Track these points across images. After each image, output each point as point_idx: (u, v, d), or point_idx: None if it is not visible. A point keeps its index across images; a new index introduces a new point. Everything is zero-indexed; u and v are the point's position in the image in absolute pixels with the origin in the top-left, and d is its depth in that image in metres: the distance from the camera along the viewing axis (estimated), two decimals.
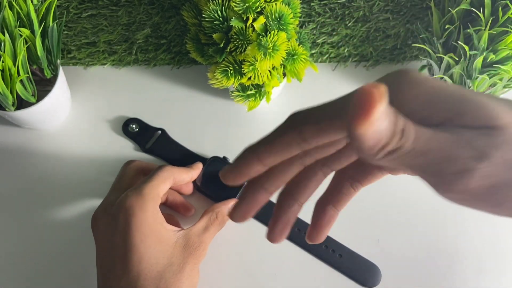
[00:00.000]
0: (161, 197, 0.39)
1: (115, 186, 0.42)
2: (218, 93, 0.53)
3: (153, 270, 0.35)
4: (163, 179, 0.39)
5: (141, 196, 0.37)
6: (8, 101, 0.43)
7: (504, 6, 0.44)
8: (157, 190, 0.38)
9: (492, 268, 0.45)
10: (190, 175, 0.43)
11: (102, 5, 0.54)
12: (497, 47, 0.44)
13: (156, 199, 0.38)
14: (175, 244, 0.37)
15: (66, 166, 0.49)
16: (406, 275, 0.45)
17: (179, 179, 0.41)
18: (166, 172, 0.40)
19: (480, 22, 0.45)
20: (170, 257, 0.36)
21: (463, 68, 0.45)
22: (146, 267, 0.35)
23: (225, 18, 0.43)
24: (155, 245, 0.36)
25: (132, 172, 0.43)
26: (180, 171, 0.42)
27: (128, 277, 0.35)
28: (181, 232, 0.39)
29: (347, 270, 0.45)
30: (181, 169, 0.42)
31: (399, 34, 0.55)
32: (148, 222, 0.36)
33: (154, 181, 0.38)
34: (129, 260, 0.35)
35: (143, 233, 0.36)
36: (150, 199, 0.37)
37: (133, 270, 0.35)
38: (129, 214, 0.36)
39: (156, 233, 0.36)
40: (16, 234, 0.46)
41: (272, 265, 0.45)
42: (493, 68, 0.44)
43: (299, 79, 0.47)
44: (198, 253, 0.38)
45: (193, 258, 0.38)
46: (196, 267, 0.38)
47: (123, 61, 0.54)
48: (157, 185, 0.38)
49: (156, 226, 0.37)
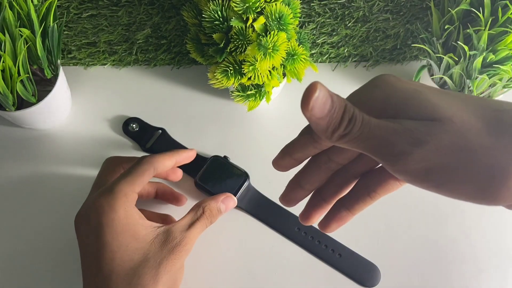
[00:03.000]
0: (136, 192, 0.38)
1: (95, 184, 0.42)
2: (218, 93, 0.53)
3: (127, 267, 0.35)
4: (140, 173, 0.38)
5: (111, 194, 0.36)
6: (9, 101, 0.43)
7: (504, 6, 0.44)
8: (131, 186, 0.37)
9: (491, 268, 0.45)
10: (174, 160, 0.42)
11: (102, 5, 0.54)
12: (497, 47, 0.44)
13: (129, 195, 0.37)
14: (153, 241, 0.37)
15: (66, 166, 0.50)
16: (405, 275, 0.45)
17: (161, 167, 0.40)
18: (144, 164, 0.39)
19: (480, 22, 0.45)
20: (146, 254, 0.36)
21: (463, 68, 0.45)
22: (119, 264, 0.35)
23: (225, 18, 0.44)
24: (129, 242, 0.36)
25: (112, 167, 0.42)
26: (162, 157, 0.41)
27: (101, 275, 0.35)
28: (162, 228, 0.38)
29: (346, 270, 0.45)
30: (163, 156, 0.41)
31: (399, 34, 0.55)
32: (120, 220, 0.36)
33: (128, 177, 0.38)
34: (101, 259, 0.35)
35: (115, 231, 0.35)
36: (122, 196, 0.36)
37: (106, 268, 0.35)
38: (99, 213, 0.36)
39: (130, 230, 0.36)
40: (16, 234, 0.46)
41: (272, 264, 0.45)
42: (492, 68, 0.44)
43: (299, 79, 0.47)
44: (179, 249, 0.37)
45: (173, 254, 0.36)
46: (176, 263, 0.37)
47: (124, 61, 0.55)
48: (131, 181, 0.38)
49: (129, 223, 0.36)
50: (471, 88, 0.45)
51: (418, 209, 0.48)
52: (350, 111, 0.22)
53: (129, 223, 0.36)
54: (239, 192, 0.46)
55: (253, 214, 0.47)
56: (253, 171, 0.48)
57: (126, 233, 0.36)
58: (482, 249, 0.46)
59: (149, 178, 0.39)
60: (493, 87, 0.46)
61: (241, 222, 0.47)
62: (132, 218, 0.37)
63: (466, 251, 0.46)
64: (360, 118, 0.23)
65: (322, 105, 0.21)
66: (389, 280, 0.45)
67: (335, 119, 0.22)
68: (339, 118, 0.22)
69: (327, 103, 0.21)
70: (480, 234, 0.47)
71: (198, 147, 0.50)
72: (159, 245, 0.37)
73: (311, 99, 0.21)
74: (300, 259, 0.46)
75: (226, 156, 0.48)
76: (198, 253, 0.45)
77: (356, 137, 0.23)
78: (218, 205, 0.42)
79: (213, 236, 0.46)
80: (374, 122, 0.23)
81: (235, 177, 0.47)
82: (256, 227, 0.47)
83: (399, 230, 0.47)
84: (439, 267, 0.45)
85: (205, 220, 0.40)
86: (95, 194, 0.38)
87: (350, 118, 0.22)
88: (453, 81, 0.47)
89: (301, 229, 0.46)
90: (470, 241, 0.47)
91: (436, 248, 0.46)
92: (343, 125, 0.22)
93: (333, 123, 0.22)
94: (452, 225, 0.47)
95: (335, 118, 0.22)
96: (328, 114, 0.22)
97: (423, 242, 0.46)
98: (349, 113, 0.22)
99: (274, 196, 0.48)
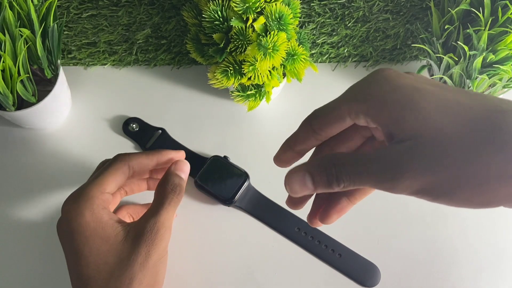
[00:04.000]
0: (108, 191, 0.37)
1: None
2: (218, 93, 0.53)
3: (102, 271, 0.34)
4: (111, 172, 0.37)
5: (77, 199, 0.35)
6: (9, 101, 0.43)
7: (504, 7, 0.44)
8: (99, 187, 0.36)
9: (491, 268, 0.45)
10: (154, 159, 0.40)
11: (102, 6, 0.54)
12: (497, 47, 0.44)
13: (97, 197, 0.36)
14: (125, 239, 0.35)
15: (66, 166, 0.50)
16: (405, 275, 0.45)
17: (138, 165, 0.39)
18: (117, 162, 0.38)
19: (480, 22, 0.45)
20: (119, 254, 0.34)
21: (463, 68, 0.45)
22: (94, 269, 0.34)
23: (225, 18, 0.44)
24: (100, 245, 0.34)
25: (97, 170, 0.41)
26: (139, 156, 0.39)
27: (80, 283, 0.34)
28: (132, 223, 0.36)
29: (346, 270, 0.45)
30: (140, 154, 0.39)
31: (398, 34, 0.55)
32: (88, 224, 0.34)
33: (97, 179, 0.37)
34: (77, 266, 0.34)
35: (84, 236, 0.34)
36: (88, 199, 0.35)
37: (83, 275, 0.34)
38: (68, 220, 0.35)
39: (100, 233, 0.35)
40: (16, 233, 0.46)
41: (272, 264, 0.45)
42: (492, 68, 0.44)
43: (299, 79, 0.47)
44: (152, 238, 0.35)
45: (146, 245, 0.35)
46: (153, 254, 0.35)
47: (124, 61, 0.55)
48: (99, 182, 0.36)
49: (99, 226, 0.35)
50: (471, 88, 0.45)
51: (417, 209, 0.48)
52: (333, 176, 0.25)
53: (98, 226, 0.35)
54: (239, 192, 0.46)
55: (253, 214, 0.47)
56: (253, 171, 0.48)
57: (96, 236, 0.34)
58: (482, 249, 0.46)
59: (123, 176, 0.38)
60: (493, 87, 0.46)
61: (241, 222, 0.47)
62: (101, 221, 0.35)
63: (466, 251, 0.46)
64: (347, 177, 0.25)
65: (303, 190, 0.26)
66: (389, 280, 0.45)
67: (325, 189, 0.25)
68: (327, 187, 0.25)
69: (304, 189, 0.26)
70: (480, 234, 0.47)
71: (198, 147, 0.50)
72: (131, 242, 0.35)
73: (289, 192, 0.26)
74: (300, 259, 0.46)
75: (226, 156, 0.48)
76: (198, 253, 0.45)
77: (352, 185, 0.25)
78: (178, 179, 0.39)
79: (213, 236, 0.46)
80: (358, 169, 0.24)
81: (235, 177, 0.47)
82: (256, 227, 0.47)
83: (399, 230, 0.47)
84: (439, 267, 0.46)
85: (173, 198, 0.38)
86: (66, 199, 0.37)
87: (338, 182, 0.25)
88: (453, 81, 0.47)
89: (301, 229, 0.46)
90: (470, 241, 0.47)
91: (435, 248, 0.46)
92: (335, 188, 0.25)
93: (326, 190, 0.25)
94: (451, 225, 0.47)
95: (325, 189, 0.25)
96: (314, 190, 0.25)
97: (423, 242, 0.46)
98: (336, 178, 0.25)
99: (274, 196, 0.48)
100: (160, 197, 0.37)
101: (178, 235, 0.46)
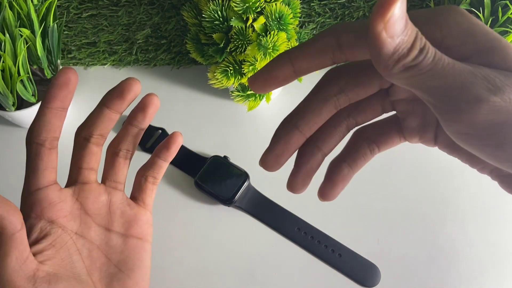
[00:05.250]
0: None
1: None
2: (218, 93, 0.53)
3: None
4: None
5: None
6: (9, 101, 0.43)
7: (504, 6, 0.44)
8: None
9: (491, 268, 0.45)
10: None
11: (102, 5, 0.54)
12: None
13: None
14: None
15: (66, 166, 0.49)
16: (405, 275, 0.45)
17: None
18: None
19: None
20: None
21: None
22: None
23: (225, 18, 0.44)
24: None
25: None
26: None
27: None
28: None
29: (346, 270, 0.45)
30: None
31: None
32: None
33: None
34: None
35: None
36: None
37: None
38: None
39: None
40: None
41: (272, 265, 0.45)
42: None
43: (299, 79, 0.47)
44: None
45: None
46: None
47: (123, 61, 0.55)
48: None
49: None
50: None
51: (418, 209, 0.48)
52: (422, 39, 0.18)
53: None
54: (239, 192, 0.46)
55: (253, 214, 0.47)
56: (253, 171, 0.48)
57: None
58: (482, 249, 0.46)
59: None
60: None
61: (241, 222, 0.47)
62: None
63: (466, 251, 0.46)
64: (433, 50, 0.19)
65: (399, 20, 0.17)
66: (389, 280, 0.45)
67: (405, 44, 0.18)
68: (410, 44, 0.18)
69: (402, 20, 0.17)
70: (480, 233, 0.47)
71: (198, 147, 0.50)
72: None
73: (389, 9, 0.17)
74: (300, 259, 0.46)
75: (226, 156, 0.48)
76: (198, 253, 0.45)
77: (425, 72, 0.19)
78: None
79: (213, 236, 0.46)
80: (448, 60, 0.19)
81: (235, 177, 0.47)
82: (256, 227, 0.47)
83: (399, 230, 0.47)
84: (439, 267, 0.45)
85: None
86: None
87: (422, 47, 0.18)
88: None
89: (301, 229, 0.46)
90: (470, 241, 0.47)
91: (436, 248, 0.46)
92: (412, 54, 0.18)
93: (402, 48, 0.18)
94: (451, 225, 0.47)
95: (406, 43, 0.18)
96: (399, 35, 0.17)
97: (423, 242, 0.46)
98: (421, 41, 0.18)
99: (274, 196, 0.48)
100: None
101: (178, 235, 0.46)
